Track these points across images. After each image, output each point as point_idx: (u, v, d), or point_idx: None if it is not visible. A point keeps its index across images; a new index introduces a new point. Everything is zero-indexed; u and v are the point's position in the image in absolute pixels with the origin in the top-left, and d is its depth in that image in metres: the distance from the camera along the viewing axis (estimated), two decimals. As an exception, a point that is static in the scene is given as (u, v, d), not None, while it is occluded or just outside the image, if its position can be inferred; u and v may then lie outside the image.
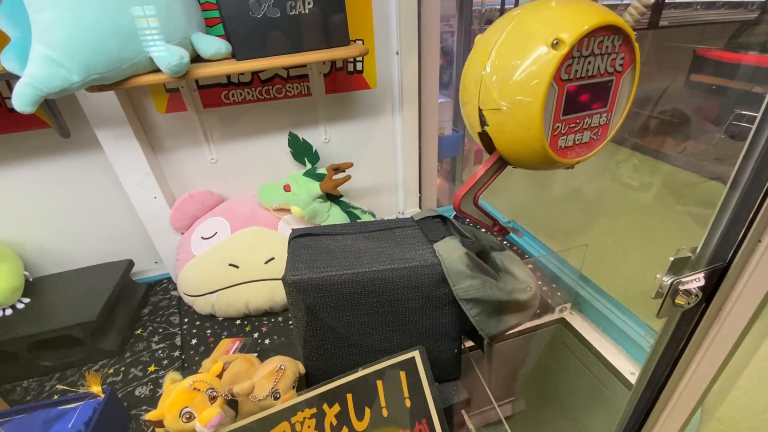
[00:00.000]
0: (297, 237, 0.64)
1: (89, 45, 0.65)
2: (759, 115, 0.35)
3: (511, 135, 0.51)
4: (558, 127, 0.51)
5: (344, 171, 1.06)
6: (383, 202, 1.33)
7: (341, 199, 1.10)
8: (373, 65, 1.09)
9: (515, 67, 0.47)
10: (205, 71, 0.78)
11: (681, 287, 0.39)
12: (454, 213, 1.40)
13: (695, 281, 0.39)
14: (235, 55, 0.82)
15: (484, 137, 0.54)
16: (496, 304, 0.56)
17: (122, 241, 1.10)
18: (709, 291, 0.40)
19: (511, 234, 0.77)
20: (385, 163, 1.26)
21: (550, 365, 1.06)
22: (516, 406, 1.08)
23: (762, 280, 0.39)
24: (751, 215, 0.37)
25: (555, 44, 0.44)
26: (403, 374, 0.59)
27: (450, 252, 0.56)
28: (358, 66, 1.08)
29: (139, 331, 0.98)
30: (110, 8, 0.65)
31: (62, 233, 1.05)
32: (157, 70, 0.75)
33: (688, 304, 0.39)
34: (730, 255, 0.39)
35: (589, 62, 0.48)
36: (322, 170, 1.06)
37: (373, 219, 1.16)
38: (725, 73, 3.16)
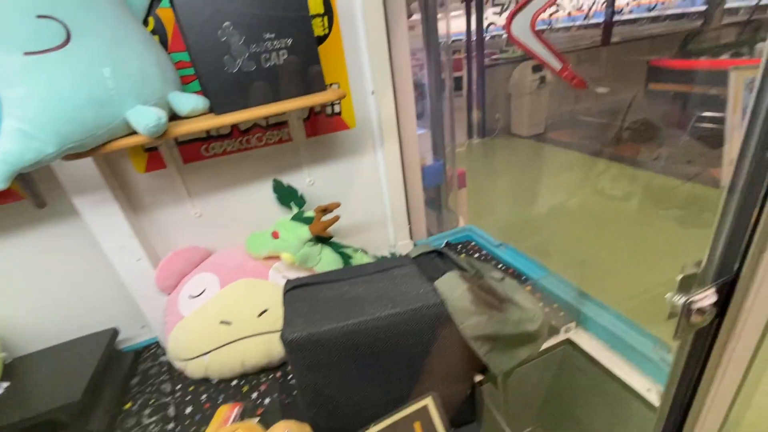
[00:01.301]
0: (291, 289, 0.61)
1: (63, 115, 0.63)
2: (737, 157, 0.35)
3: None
4: None
5: (332, 211, 1.05)
6: (374, 238, 1.31)
7: (332, 240, 1.08)
8: (350, 106, 1.10)
9: None
10: (183, 129, 0.78)
11: (694, 306, 0.38)
12: (445, 242, 1.39)
13: (707, 298, 0.38)
14: (214, 111, 0.82)
15: None
16: (505, 339, 0.55)
17: (105, 308, 1.05)
18: (722, 305, 0.40)
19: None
20: (371, 199, 1.26)
21: (564, 389, 1.03)
22: (534, 436, 1.04)
23: (771, 289, 0.38)
24: (750, 227, 0.37)
25: None
26: (417, 425, 0.56)
27: (452, 289, 0.55)
28: (336, 108, 1.09)
29: (128, 405, 0.92)
30: (83, 78, 0.65)
31: (41, 308, 0.99)
32: (135, 132, 0.74)
33: (704, 322, 0.38)
34: (737, 267, 0.39)
35: None
36: (309, 213, 1.05)
37: (365, 256, 1.14)
38: (680, 80, 3.35)
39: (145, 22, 0.85)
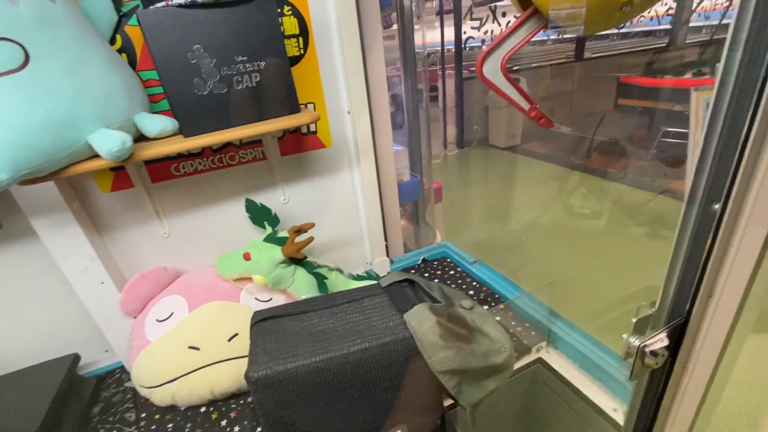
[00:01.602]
0: (259, 322, 0.60)
1: (19, 141, 0.61)
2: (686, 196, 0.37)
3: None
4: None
5: (306, 232, 1.04)
6: (350, 255, 1.31)
7: (306, 259, 1.07)
8: (326, 125, 1.10)
9: None
10: (150, 152, 0.76)
11: (648, 349, 0.39)
12: (422, 259, 1.40)
13: (660, 341, 0.39)
14: (183, 133, 0.80)
15: None
16: (473, 372, 0.55)
17: (67, 333, 1.00)
18: (673, 347, 0.41)
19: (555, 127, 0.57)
20: (348, 216, 1.25)
21: (535, 408, 1.04)
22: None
23: (719, 330, 0.40)
24: (699, 272, 0.39)
25: None
26: (386, 459, 0.56)
27: (421, 323, 0.55)
28: (312, 127, 1.08)
29: (89, 437, 0.88)
30: (42, 102, 0.62)
31: (-5, 334, 0.94)
32: (98, 155, 0.72)
33: (657, 364, 0.40)
34: (687, 309, 0.41)
35: None
36: (283, 233, 1.03)
37: (340, 275, 1.13)
38: (648, 96, 3.51)
39: (113, 41, 0.83)
